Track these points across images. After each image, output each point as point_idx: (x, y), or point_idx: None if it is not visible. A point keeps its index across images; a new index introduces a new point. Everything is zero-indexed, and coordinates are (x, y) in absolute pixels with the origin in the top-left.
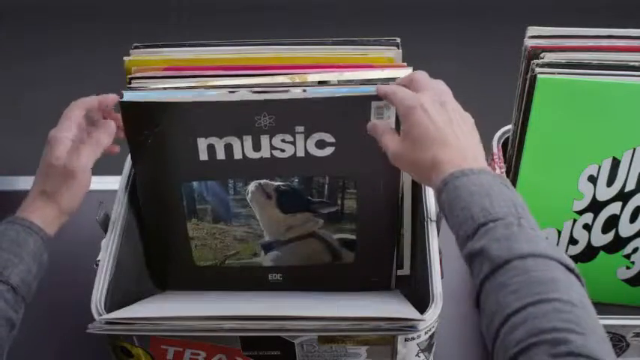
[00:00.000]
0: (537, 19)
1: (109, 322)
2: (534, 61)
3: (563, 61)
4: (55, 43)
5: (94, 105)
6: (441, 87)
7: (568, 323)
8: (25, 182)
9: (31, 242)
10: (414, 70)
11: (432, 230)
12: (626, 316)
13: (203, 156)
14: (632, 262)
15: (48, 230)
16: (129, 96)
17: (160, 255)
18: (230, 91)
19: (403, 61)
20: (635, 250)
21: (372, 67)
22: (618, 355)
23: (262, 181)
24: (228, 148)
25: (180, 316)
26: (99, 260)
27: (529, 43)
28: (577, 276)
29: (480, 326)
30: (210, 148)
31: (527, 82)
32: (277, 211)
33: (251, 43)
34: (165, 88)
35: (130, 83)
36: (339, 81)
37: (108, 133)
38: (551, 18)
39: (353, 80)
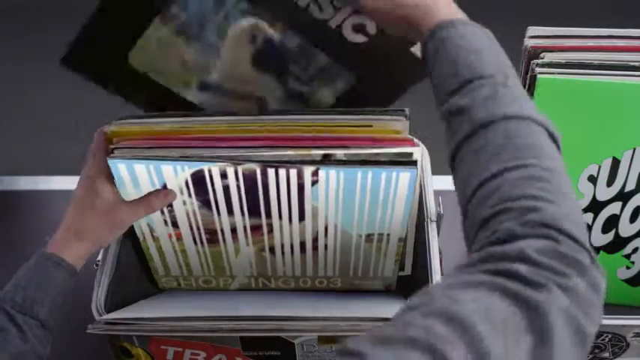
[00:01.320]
0: (537, 19)
1: (109, 323)
2: (534, 61)
3: (563, 61)
4: (55, 43)
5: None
6: None
7: (543, 192)
8: (25, 182)
9: (60, 279)
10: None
11: (432, 230)
12: (626, 316)
13: None
14: (632, 262)
15: (77, 264)
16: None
17: None
18: None
19: None
20: (635, 250)
21: (377, 141)
22: (618, 355)
23: (259, 22)
24: None
25: (180, 316)
26: (99, 260)
27: (529, 43)
28: (557, 143)
29: (454, 185)
30: None
31: (527, 82)
32: (247, 60)
33: (242, 115)
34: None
35: (112, 152)
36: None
37: (162, 201)
38: (551, 18)
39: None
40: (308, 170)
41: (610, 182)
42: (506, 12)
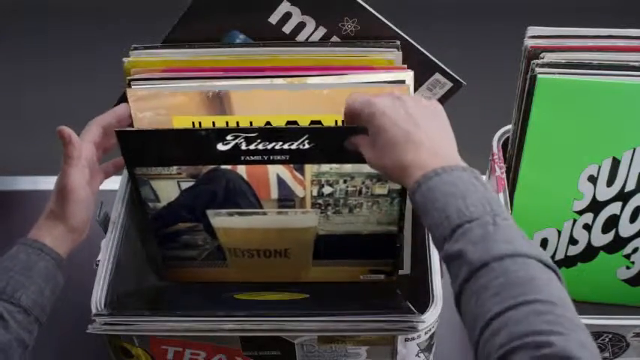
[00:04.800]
0: (537, 19)
1: (109, 323)
2: (534, 61)
3: (563, 61)
4: (55, 43)
5: (110, 121)
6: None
7: (549, 325)
8: (25, 182)
9: (42, 265)
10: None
11: None
12: (626, 316)
13: None
14: (632, 262)
15: (59, 250)
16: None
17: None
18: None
19: (403, 63)
20: (635, 250)
21: (372, 69)
22: (618, 355)
23: None
24: None
25: (180, 316)
26: (99, 260)
27: (529, 43)
28: (555, 271)
29: (464, 325)
30: None
31: (527, 82)
32: None
33: (250, 45)
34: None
35: (129, 85)
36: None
37: (116, 167)
38: (551, 18)
39: (355, 83)
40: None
41: (610, 182)
42: (506, 12)
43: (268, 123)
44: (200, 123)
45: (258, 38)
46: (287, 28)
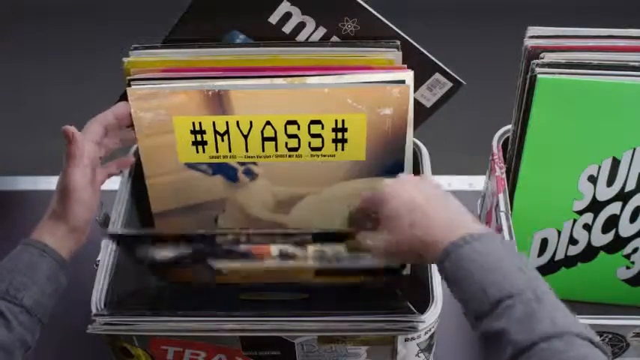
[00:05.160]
0: (537, 19)
1: (109, 323)
2: (534, 61)
3: (563, 61)
4: (55, 43)
5: (110, 119)
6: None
7: None
8: (25, 182)
9: (45, 265)
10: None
11: None
12: (626, 316)
13: None
14: (632, 262)
15: (62, 251)
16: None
17: None
18: None
19: (403, 63)
20: (635, 250)
21: (372, 69)
22: (618, 355)
23: None
24: None
25: (180, 316)
26: (99, 260)
27: (529, 43)
28: (601, 349)
29: None
30: None
31: (527, 82)
32: None
33: (250, 45)
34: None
35: (129, 84)
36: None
37: (119, 165)
38: (551, 18)
39: (354, 83)
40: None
41: (610, 182)
42: (506, 12)
43: (268, 122)
44: (200, 123)
45: (258, 38)
46: (287, 28)
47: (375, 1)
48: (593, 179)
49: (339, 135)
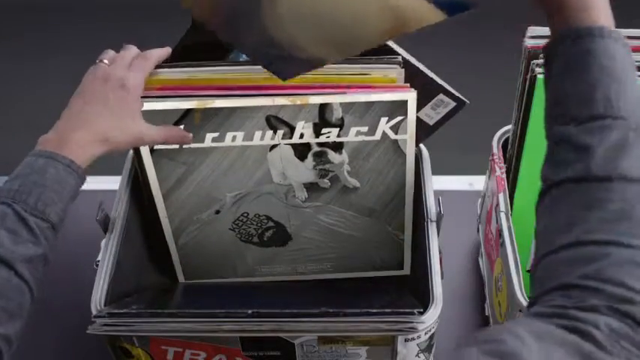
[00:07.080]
0: (537, 19)
1: (109, 323)
2: (534, 61)
3: None
4: (55, 43)
5: (164, 56)
6: None
7: None
8: None
9: (72, 182)
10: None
11: (432, 230)
12: None
13: None
14: None
15: (84, 165)
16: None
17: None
18: None
19: (406, 82)
20: None
21: (374, 87)
22: None
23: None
24: None
25: (180, 317)
26: (99, 260)
27: (529, 43)
28: None
29: (537, 216)
30: None
31: (527, 82)
32: None
33: (249, 62)
34: None
35: None
36: (340, 103)
37: (177, 139)
38: None
39: (355, 103)
40: None
41: None
42: (506, 12)
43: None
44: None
45: None
46: None
47: None
48: None
49: None
